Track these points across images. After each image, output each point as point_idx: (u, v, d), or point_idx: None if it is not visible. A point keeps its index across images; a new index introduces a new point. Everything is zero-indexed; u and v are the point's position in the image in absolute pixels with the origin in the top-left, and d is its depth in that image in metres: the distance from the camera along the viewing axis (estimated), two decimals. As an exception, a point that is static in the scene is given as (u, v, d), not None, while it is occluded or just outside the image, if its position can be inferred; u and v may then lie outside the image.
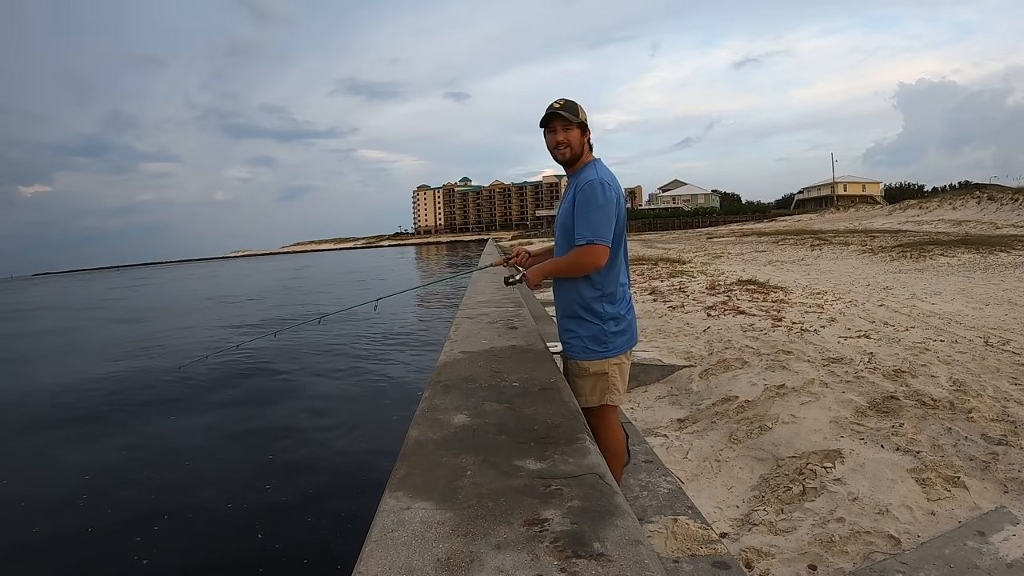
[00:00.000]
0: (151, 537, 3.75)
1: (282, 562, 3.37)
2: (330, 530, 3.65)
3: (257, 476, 4.67)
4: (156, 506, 4.20)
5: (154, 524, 3.91)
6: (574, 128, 2.09)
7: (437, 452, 1.48)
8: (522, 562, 0.99)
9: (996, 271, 9.57)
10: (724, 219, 69.69)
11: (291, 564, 3.34)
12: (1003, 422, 3.10)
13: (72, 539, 3.83)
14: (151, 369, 9.54)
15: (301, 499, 4.16)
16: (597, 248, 1.99)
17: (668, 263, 15.10)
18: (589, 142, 2.17)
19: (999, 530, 2.13)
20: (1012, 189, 28.75)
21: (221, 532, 3.77)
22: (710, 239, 30.84)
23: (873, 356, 4.44)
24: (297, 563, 3.34)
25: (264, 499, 4.21)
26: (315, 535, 3.63)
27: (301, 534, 3.65)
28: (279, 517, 3.91)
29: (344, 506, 3.96)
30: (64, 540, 3.82)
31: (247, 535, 3.72)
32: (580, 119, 2.09)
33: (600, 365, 2.10)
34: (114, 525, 4.00)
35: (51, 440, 6.10)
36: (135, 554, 3.56)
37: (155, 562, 3.44)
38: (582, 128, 2.11)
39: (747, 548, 2.26)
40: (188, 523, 3.92)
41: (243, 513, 4.06)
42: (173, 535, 3.75)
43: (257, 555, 3.47)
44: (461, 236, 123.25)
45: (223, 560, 3.46)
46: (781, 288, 8.77)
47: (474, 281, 6.67)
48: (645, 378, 4.61)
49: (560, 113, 2.08)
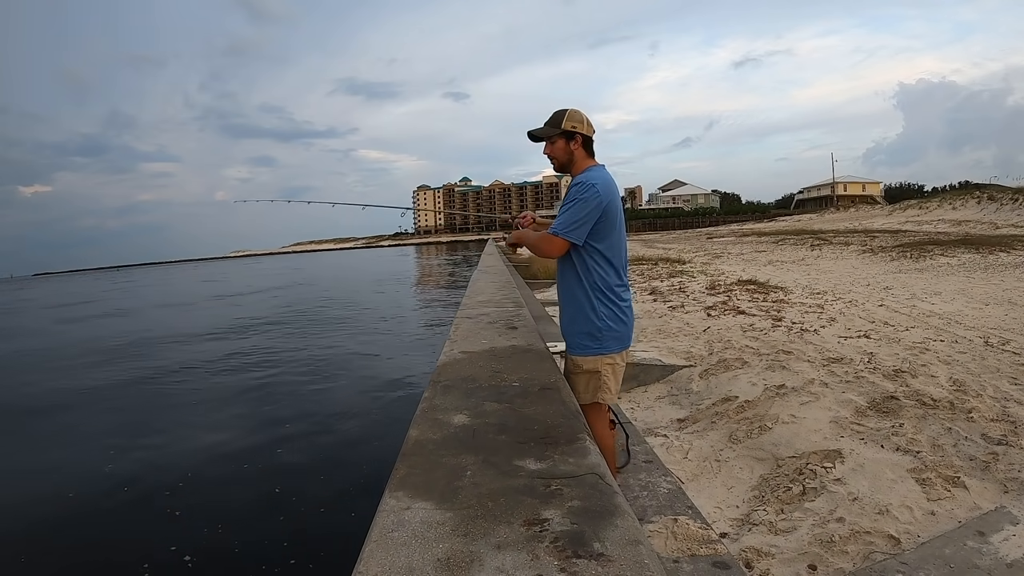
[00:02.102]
0: (150, 535, 3.75)
1: (282, 562, 3.37)
2: (330, 530, 3.65)
3: (256, 476, 4.67)
4: (154, 504, 4.20)
5: (153, 523, 3.91)
6: (557, 140, 2.19)
7: (437, 452, 1.47)
8: (522, 562, 0.99)
9: (996, 271, 9.57)
10: (724, 219, 69.73)
11: (291, 564, 3.34)
12: (1003, 422, 3.10)
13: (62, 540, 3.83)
14: (150, 367, 9.55)
15: (301, 499, 4.16)
16: (557, 240, 2.10)
17: (668, 263, 15.11)
18: (583, 146, 2.20)
19: (999, 530, 2.13)
20: (1012, 189, 28.76)
21: (220, 532, 3.77)
22: (710, 239, 30.85)
23: (873, 356, 4.44)
24: (297, 563, 3.34)
25: (263, 499, 4.21)
26: (315, 535, 3.63)
27: (301, 534, 3.65)
28: (279, 517, 3.91)
29: (344, 506, 3.96)
30: (61, 538, 3.83)
31: (247, 534, 3.72)
32: (562, 129, 2.16)
33: (593, 362, 2.15)
34: (111, 526, 4.00)
35: (49, 430, 6.11)
36: (134, 551, 3.56)
37: (154, 561, 3.44)
38: (567, 136, 2.17)
39: (747, 548, 2.26)
40: (187, 523, 3.91)
41: (242, 513, 4.06)
42: (172, 534, 3.75)
43: (257, 554, 3.47)
44: (461, 236, 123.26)
45: (223, 560, 3.46)
46: (781, 288, 8.78)
47: (474, 281, 6.67)
48: (645, 378, 4.61)
49: (535, 134, 2.22)
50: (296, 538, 3.61)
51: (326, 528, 3.69)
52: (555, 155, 2.21)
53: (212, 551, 3.55)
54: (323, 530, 3.67)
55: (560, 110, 2.20)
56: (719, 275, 11.32)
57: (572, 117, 2.17)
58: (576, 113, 2.18)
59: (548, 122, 2.21)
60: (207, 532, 3.77)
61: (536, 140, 2.24)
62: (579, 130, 2.17)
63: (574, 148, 2.19)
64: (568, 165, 2.21)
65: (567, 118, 2.17)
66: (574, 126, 2.16)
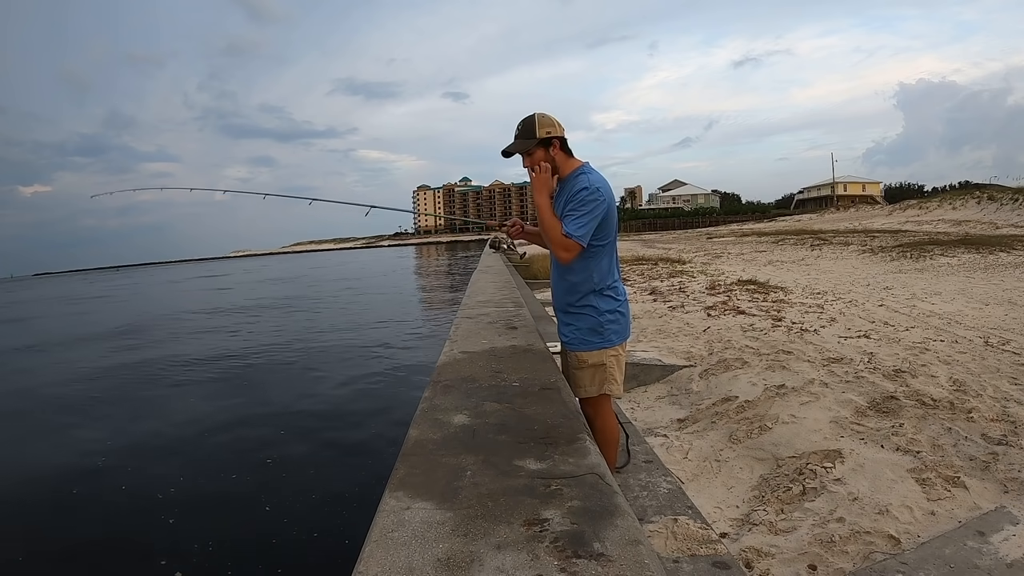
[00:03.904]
0: (149, 535, 3.75)
1: (282, 561, 3.36)
2: (330, 530, 3.65)
3: (256, 475, 4.67)
4: (153, 504, 4.19)
5: (152, 522, 3.91)
6: (534, 151, 2.10)
7: (437, 452, 1.48)
8: (522, 562, 0.99)
9: (996, 271, 9.57)
10: (724, 219, 69.74)
11: (291, 564, 3.34)
12: (1003, 422, 3.10)
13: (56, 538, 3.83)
14: (145, 364, 9.55)
15: (300, 499, 4.16)
16: (570, 243, 2.04)
17: (668, 263, 15.12)
18: (563, 148, 2.13)
19: (999, 530, 2.13)
20: (1012, 189, 28.77)
21: (219, 532, 3.77)
22: (710, 239, 30.86)
23: (873, 356, 4.44)
24: (297, 563, 3.34)
25: (263, 498, 4.21)
26: (315, 535, 3.63)
27: (301, 534, 3.65)
28: (278, 516, 3.90)
29: (344, 506, 3.95)
30: (57, 535, 3.83)
31: (246, 534, 3.72)
32: (538, 137, 2.07)
33: (598, 356, 2.17)
34: (109, 525, 4.00)
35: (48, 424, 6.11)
36: (134, 551, 3.56)
37: (154, 561, 3.43)
38: (544, 144, 2.08)
39: (747, 548, 2.26)
40: (186, 522, 3.91)
41: (242, 512, 4.06)
42: (171, 534, 3.75)
43: (256, 554, 3.47)
44: (461, 236, 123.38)
45: (222, 560, 3.46)
46: (781, 288, 8.78)
47: (474, 281, 6.67)
48: (645, 378, 4.61)
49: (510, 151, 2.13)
50: (296, 538, 3.61)
51: (326, 528, 3.69)
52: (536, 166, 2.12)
53: (212, 551, 3.55)
54: (323, 530, 3.67)
55: (527, 118, 2.10)
56: (719, 275, 11.32)
57: (543, 123, 2.08)
58: (544, 117, 2.10)
59: (520, 134, 2.10)
60: (206, 532, 3.77)
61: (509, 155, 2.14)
62: (554, 133, 2.09)
63: (554, 154, 2.11)
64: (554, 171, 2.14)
65: (539, 125, 2.07)
66: (548, 131, 2.08)
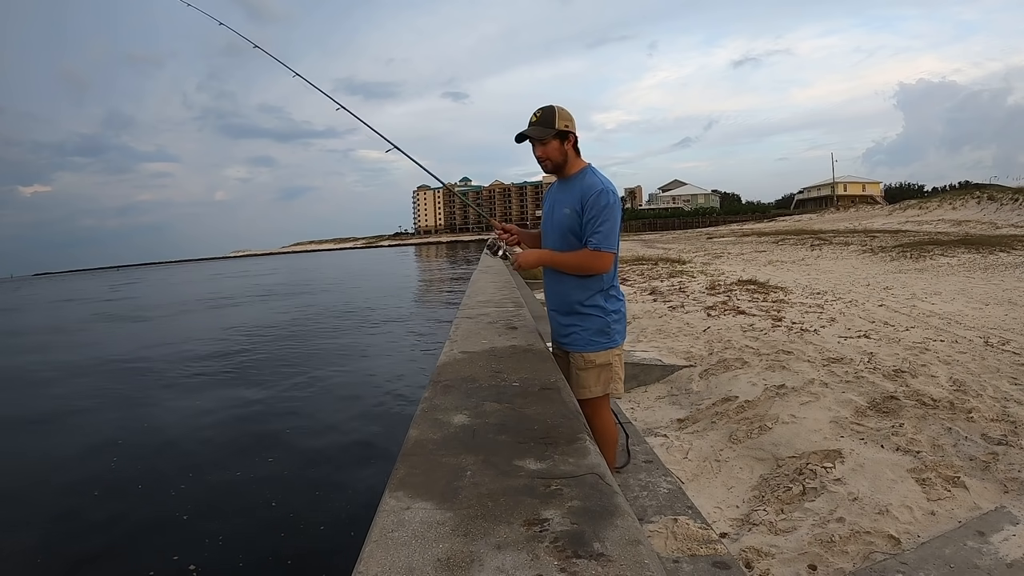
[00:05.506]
0: (149, 535, 3.75)
1: (281, 562, 3.37)
2: (330, 530, 3.65)
3: (256, 475, 4.67)
4: (153, 504, 4.20)
5: (152, 522, 3.91)
6: (550, 140, 2.09)
7: (437, 452, 1.47)
8: (522, 562, 0.98)
9: (996, 271, 9.57)
10: (724, 219, 69.77)
11: (291, 564, 3.34)
12: (1003, 422, 3.10)
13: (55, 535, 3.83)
14: (143, 367, 9.55)
15: (300, 499, 4.16)
16: (607, 256, 2.08)
17: (668, 263, 15.12)
18: (575, 146, 2.14)
19: (999, 530, 2.13)
20: (1012, 189, 28.77)
21: (219, 532, 3.77)
22: (710, 239, 30.86)
23: (873, 356, 4.44)
24: (297, 563, 3.34)
25: (263, 498, 4.21)
26: (315, 535, 3.63)
27: (301, 534, 3.65)
28: (278, 516, 3.90)
29: (344, 506, 3.96)
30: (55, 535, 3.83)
31: (246, 534, 3.72)
32: (556, 128, 2.07)
33: (605, 356, 2.19)
34: (106, 525, 4.00)
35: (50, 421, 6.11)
36: (134, 550, 3.56)
37: (153, 561, 3.43)
38: (561, 136, 2.08)
39: (747, 548, 2.26)
40: (186, 523, 3.91)
41: (242, 512, 4.06)
42: (171, 535, 3.75)
43: (256, 555, 3.47)
44: (461, 236, 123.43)
45: (222, 560, 3.46)
46: (781, 288, 8.78)
47: (474, 281, 6.67)
48: (645, 378, 4.61)
49: (526, 134, 2.10)
50: (296, 538, 3.61)
51: (326, 528, 3.69)
52: (549, 156, 2.11)
53: (211, 551, 3.55)
54: (323, 530, 3.67)
55: (547, 107, 2.09)
56: (719, 275, 11.32)
57: (563, 116, 2.09)
58: (564, 111, 2.10)
59: (538, 121, 2.09)
60: (206, 532, 3.77)
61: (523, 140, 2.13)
62: (571, 129, 2.10)
63: (568, 148, 2.11)
64: (562, 166, 2.15)
65: (559, 117, 2.07)
66: (567, 125, 2.08)
